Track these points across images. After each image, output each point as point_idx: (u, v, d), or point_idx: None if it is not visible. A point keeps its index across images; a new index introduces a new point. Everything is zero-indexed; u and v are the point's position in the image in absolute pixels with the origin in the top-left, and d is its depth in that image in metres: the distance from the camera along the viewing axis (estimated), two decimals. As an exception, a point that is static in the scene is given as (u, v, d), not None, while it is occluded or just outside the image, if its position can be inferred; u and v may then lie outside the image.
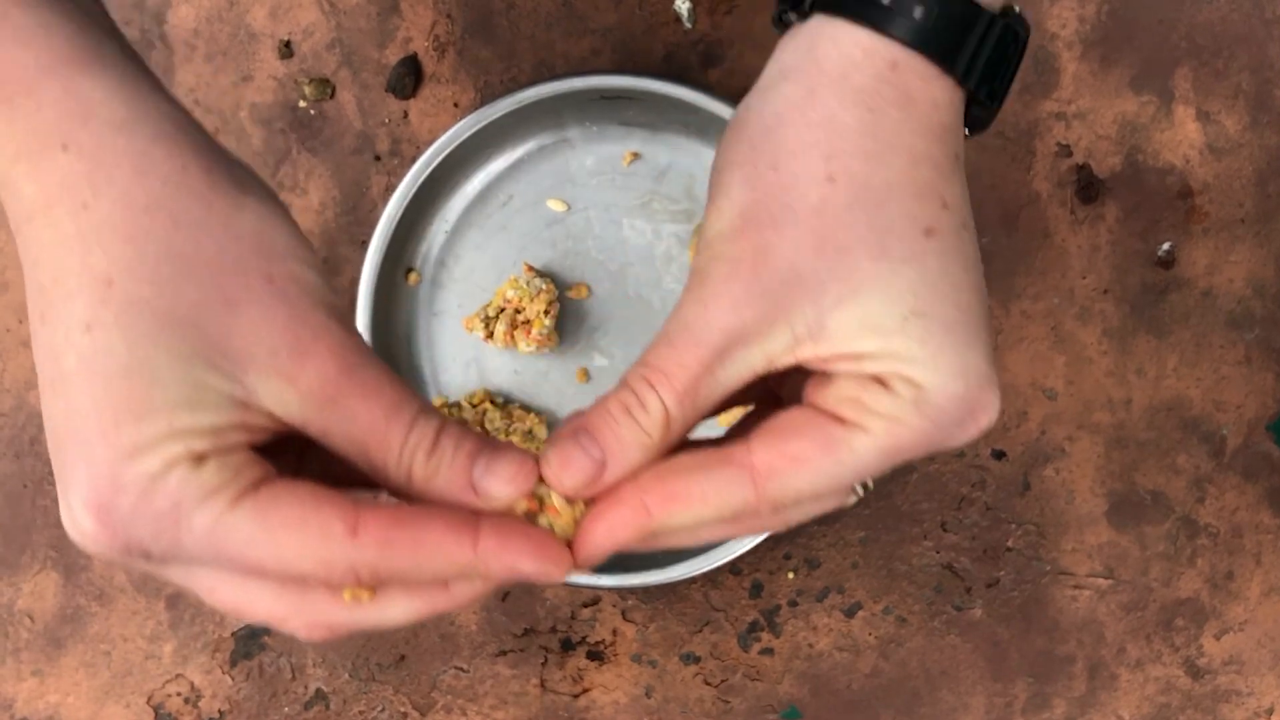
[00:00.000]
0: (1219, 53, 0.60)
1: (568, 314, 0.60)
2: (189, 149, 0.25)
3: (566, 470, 0.27)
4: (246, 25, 0.61)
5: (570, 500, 0.28)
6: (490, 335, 0.58)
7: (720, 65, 0.61)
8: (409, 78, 0.61)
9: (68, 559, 0.63)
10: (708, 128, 0.58)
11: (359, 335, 0.27)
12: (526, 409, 0.59)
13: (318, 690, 0.62)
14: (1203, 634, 0.61)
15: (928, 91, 0.28)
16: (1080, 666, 0.61)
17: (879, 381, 0.27)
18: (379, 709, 0.62)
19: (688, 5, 0.60)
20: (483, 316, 0.58)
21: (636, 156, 0.59)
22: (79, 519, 0.25)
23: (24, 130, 0.24)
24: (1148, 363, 0.61)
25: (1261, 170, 0.60)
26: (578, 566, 0.28)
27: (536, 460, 0.28)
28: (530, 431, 0.58)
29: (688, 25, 0.61)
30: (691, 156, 0.59)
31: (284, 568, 0.25)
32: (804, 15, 0.29)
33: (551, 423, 0.59)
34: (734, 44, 0.60)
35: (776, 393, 0.31)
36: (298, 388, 0.25)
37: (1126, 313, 0.61)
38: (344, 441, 0.26)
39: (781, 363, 0.27)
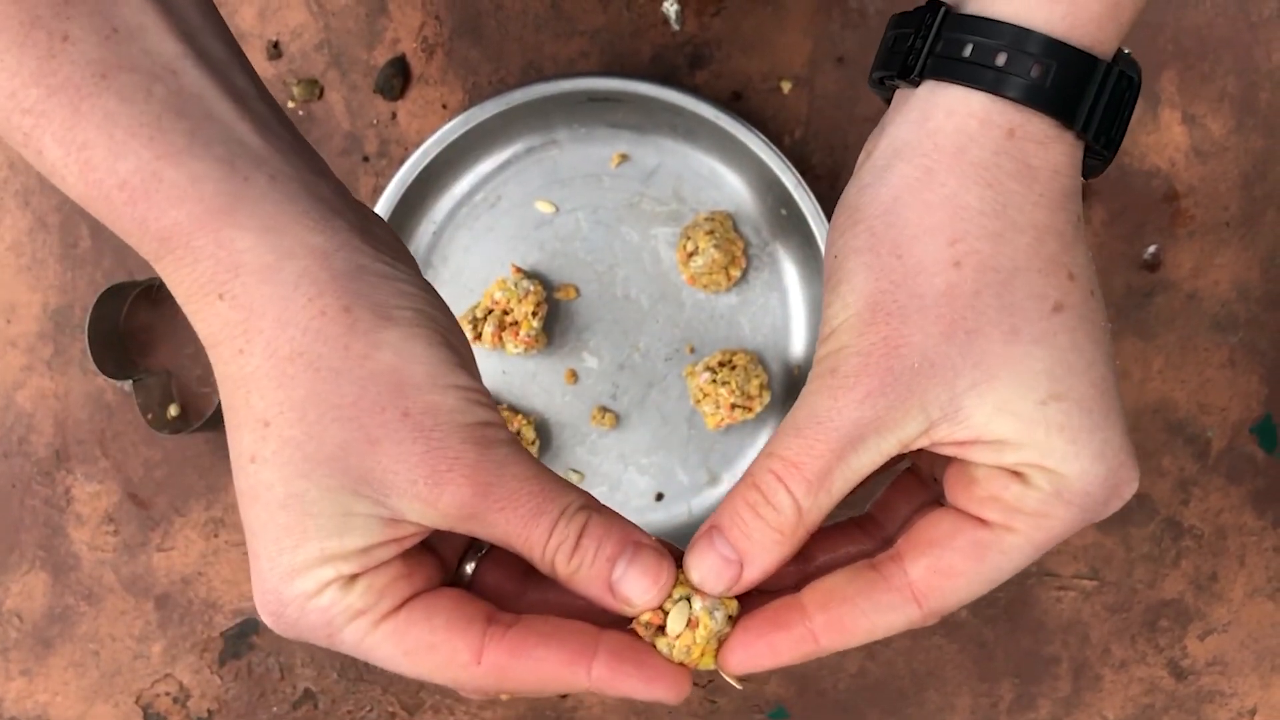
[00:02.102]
0: (1205, 56, 0.61)
1: (556, 315, 0.60)
2: (329, 288, 0.27)
3: (704, 575, 0.28)
4: (234, 25, 0.61)
5: (693, 624, 0.29)
6: (478, 336, 0.58)
7: (708, 67, 0.61)
8: (397, 79, 0.61)
9: (56, 559, 0.63)
10: (695, 130, 0.58)
11: (512, 444, 0.28)
12: (515, 410, 0.59)
13: (306, 690, 0.63)
14: (1187, 635, 0.61)
15: (1047, 157, 0.27)
16: (1065, 667, 0.61)
17: (1017, 475, 0.27)
18: (367, 709, 0.62)
19: (675, 7, 0.60)
20: (471, 318, 0.58)
21: (624, 158, 0.59)
22: (260, 609, 0.29)
23: (188, 279, 0.27)
24: (1133, 365, 0.61)
25: (1247, 173, 0.61)
26: (731, 673, 0.29)
27: (674, 561, 0.29)
28: (518, 433, 0.58)
29: (675, 27, 0.61)
30: (679, 158, 0.59)
31: (421, 678, 0.29)
32: (914, 84, 0.28)
33: (540, 424, 0.59)
34: (721, 45, 0.61)
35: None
36: (438, 510, 0.27)
37: (1112, 315, 0.61)
38: (494, 541, 0.28)
39: (915, 445, 0.27)
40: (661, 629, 0.29)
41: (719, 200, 0.59)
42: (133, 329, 0.63)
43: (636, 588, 0.28)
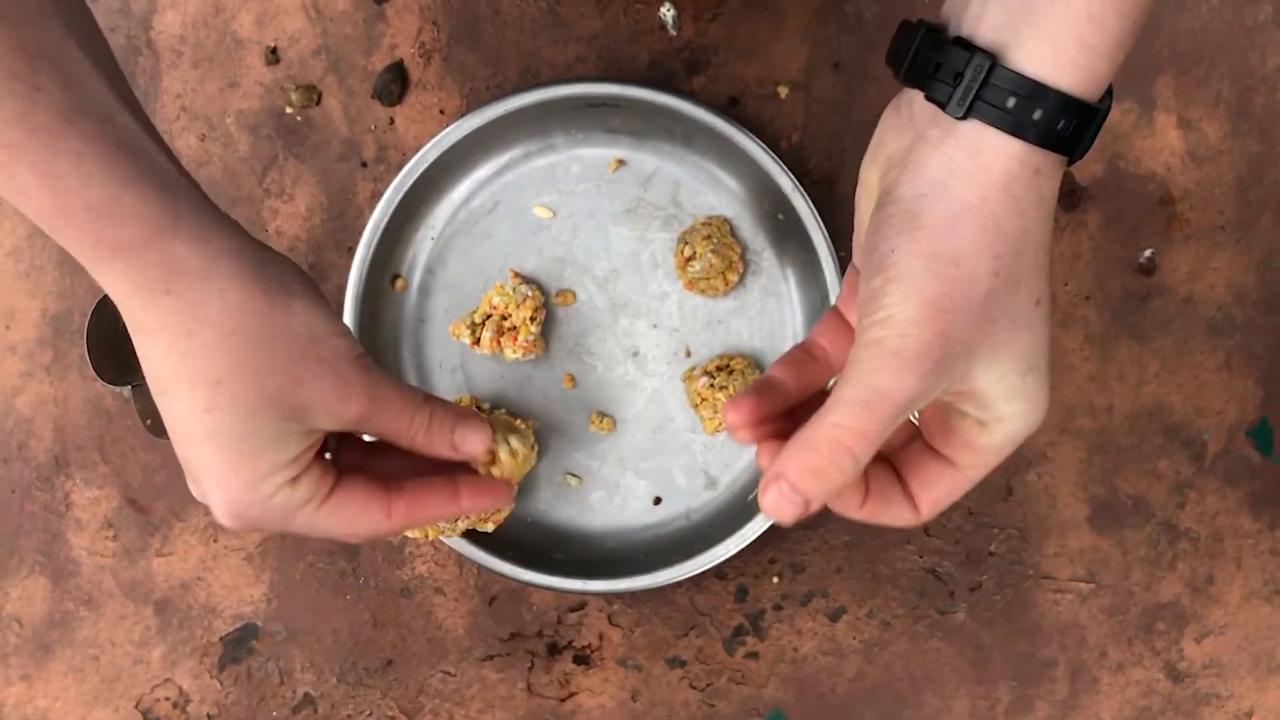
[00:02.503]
0: (1200, 61, 0.61)
1: (553, 320, 0.60)
2: (252, 279, 0.37)
3: (780, 513, 0.35)
4: (233, 32, 0.62)
5: (513, 454, 0.45)
6: (476, 341, 0.58)
7: (704, 72, 0.61)
8: (395, 84, 0.61)
9: (56, 564, 0.63)
10: (692, 135, 0.58)
11: (378, 368, 0.41)
12: (513, 414, 0.59)
13: (306, 694, 0.63)
14: (1183, 637, 0.61)
15: (1051, 186, 0.34)
16: (1062, 670, 0.62)
17: (982, 425, 0.36)
18: (367, 713, 0.62)
19: (672, 13, 0.60)
20: (469, 323, 0.58)
21: (622, 163, 0.59)
22: (220, 516, 0.39)
23: (135, 280, 0.35)
24: (1129, 369, 0.61)
25: (1242, 177, 0.61)
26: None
27: (487, 422, 0.44)
28: (516, 437, 0.58)
29: (672, 32, 0.61)
30: (676, 163, 0.59)
31: (351, 536, 0.42)
32: (960, 115, 0.34)
33: (538, 429, 0.60)
34: (718, 51, 0.61)
35: None
36: (345, 418, 0.40)
37: (1108, 319, 0.61)
38: (377, 434, 0.42)
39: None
40: (491, 464, 0.45)
41: (716, 205, 0.60)
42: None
43: (471, 440, 0.43)
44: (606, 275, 0.60)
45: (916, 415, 0.39)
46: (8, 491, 0.63)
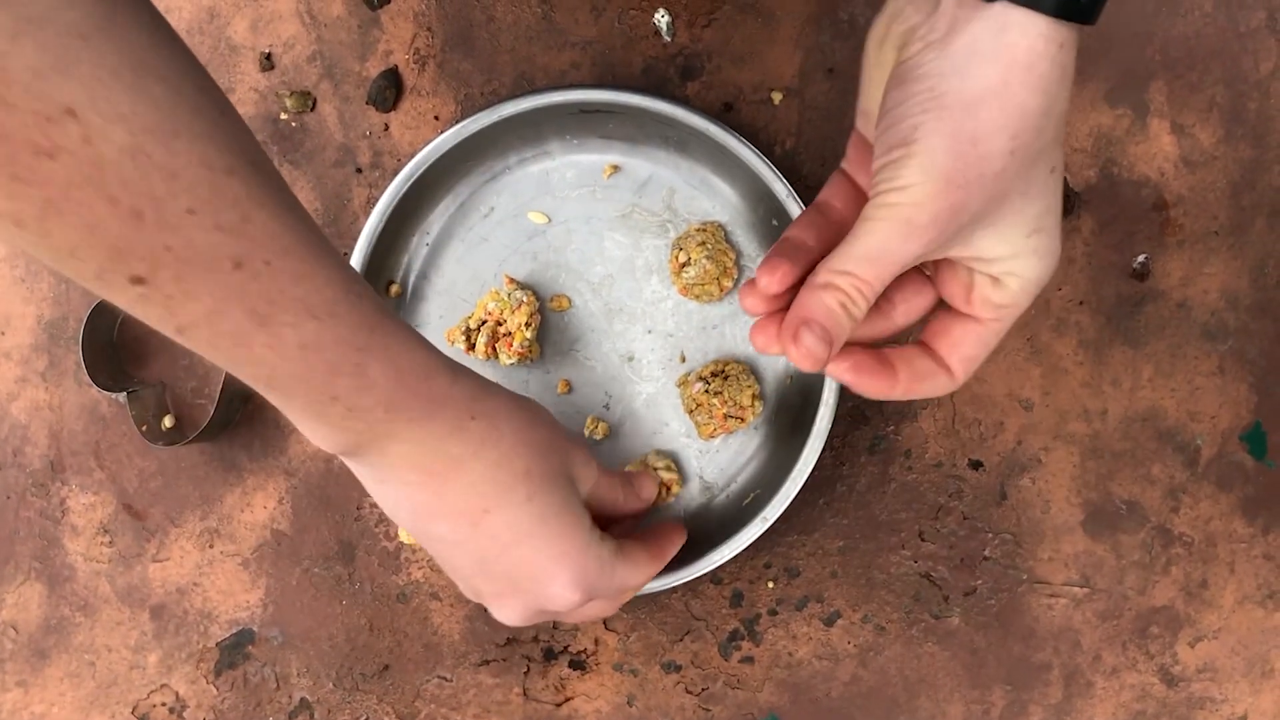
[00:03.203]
0: (1193, 66, 0.61)
1: (548, 325, 0.60)
2: (504, 391, 0.44)
3: (807, 350, 0.38)
4: (227, 38, 0.62)
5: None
6: (471, 347, 0.58)
7: (699, 78, 0.61)
8: (390, 90, 0.61)
9: (51, 570, 0.63)
10: (687, 141, 0.58)
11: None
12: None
13: (302, 700, 0.63)
14: (1177, 642, 0.61)
15: (1071, 57, 0.35)
16: (1057, 674, 0.62)
17: (995, 280, 0.38)
18: (363, 718, 0.63)
19: (667, 19, 0.61)
20: (464, 328, 0.58)
21: (616, 169, 0.60)
22: (564, 595, 0.45)
23: (447, 418, 0.41)
24: (1123, 374, 0.61)
25: (1235, 183, 0.61)
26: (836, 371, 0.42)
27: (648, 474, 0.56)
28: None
29: (667, 39, 0.61)
30: (671, 169, 0.59)
31: (638, 586, 0.49)
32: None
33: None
34: (712, 57, 0.61)
35: None
36: (590, 481, 0.48)
37: (1102, 324, 0.61)
38: (602, 499, 0.49)
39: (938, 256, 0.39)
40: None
41: (710, 211, 0.60)
42: (127, 341, 0.63)
43: (648, 488, 0.54)
44: (601, 281, 0.60)
45: (932, 270, 0.42)
46: (3, 497, 0.63)
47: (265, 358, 0.35)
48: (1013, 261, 0.38)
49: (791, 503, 0.56)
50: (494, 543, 0.43)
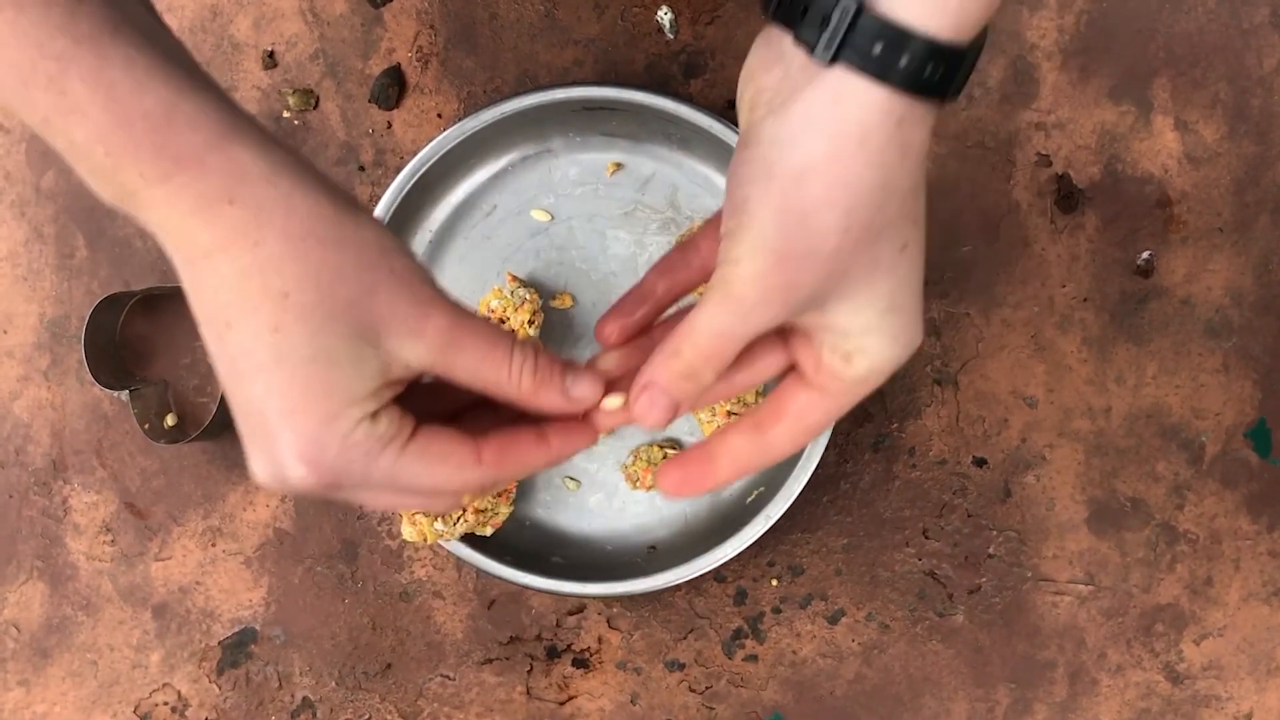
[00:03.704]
0: (1197, 63, 0.61)
1: (551, 324, 0.60)
2: (315, 187, 0.34)
3: (650, 413, 0.37)
4: (230, 36, 0.62)
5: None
6: (474, 345, 0.58)
7: (702, 76, 0.61)
8: (392, 88, 0.61)
9: (54, 569, 0.63)
10: (690, 138, 0.58)
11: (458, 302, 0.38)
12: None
13: (304, 699, 0.63)
14: (1182, 639, 0.61)
15: (919, 134, 0.33)
16: (1061, 672, 0.61)
17: (847, 357, 0.36)
18: (365, 717, 0.62)
19: (670, 16, 0.60)
20: (467, 327, 0.58)
21: (619, 167, 0.60)
22: (290, 467, 0.34)
23: (195, 193, 0.32)
24: (1127, 371, 0.61)
25: (1239, 179, 0.61)
26: (665, 490, 0.40)
27: (599, 373, 0.40)
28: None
29: (669, 36, 0.61)
30: (674, 166, 0.59)
31: (439, 490, 0.37)
32: (826, 61, 0.33)
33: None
34: (715, 54, 0.61)
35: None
36: (425, 340, 0.35)
37: (1106, 321, 0.61)
38: (463, 373, 0.36)
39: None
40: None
41: (714, 208, 0.60)
42: (129, 339, 0.63)
43: (583, 386, 0.38)
44: (604, 278, 0.60)
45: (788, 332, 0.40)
46: (5, 496, 0.63)
47: None
48: (863, 338, 0.36)
49: (795, 500, 0.56)
50: (233, 366, 0.34)
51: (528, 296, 0.57)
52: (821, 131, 0.33)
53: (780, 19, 0.34)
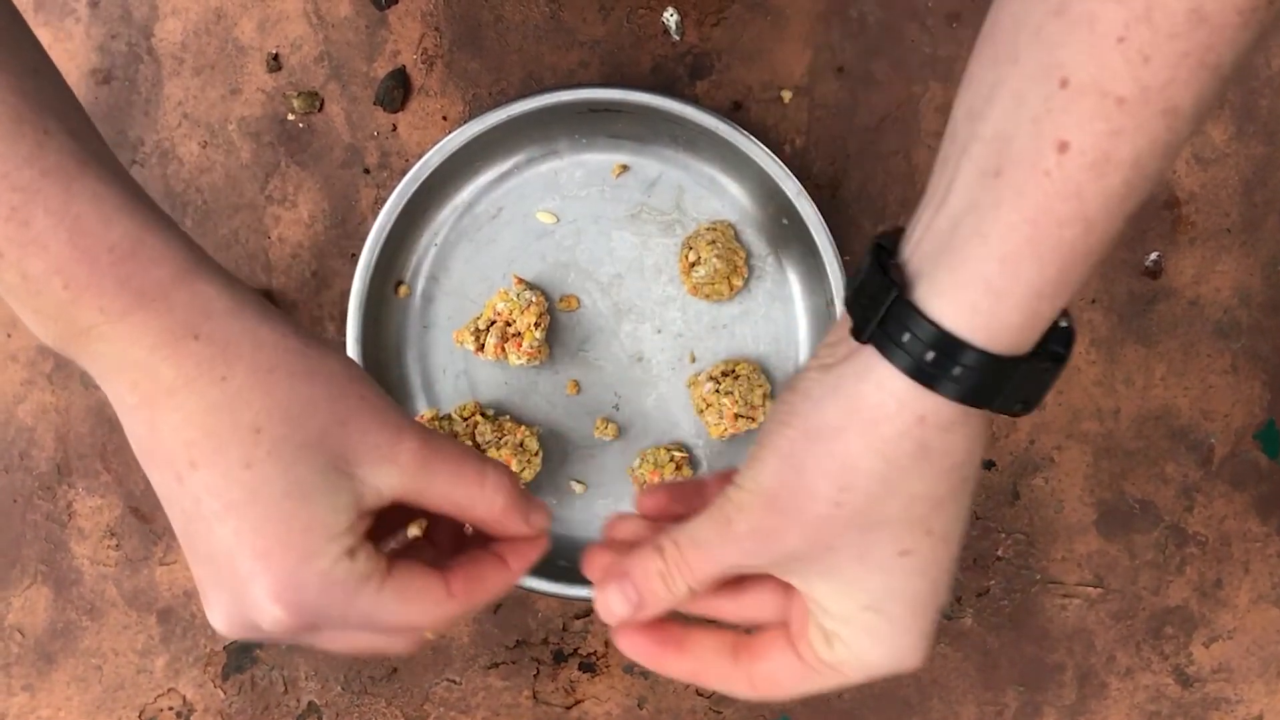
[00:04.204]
0: (1205, 63, 0.61)
1: (557, 326, 0.60)
2: (279, 320, 0.35)
3: (612, 604, 0.37)
4: (234, 38, 0.61)
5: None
6: (481, 348, 0.58)
7: (708, 77, 0.61)
8: (398, 90, 0.61)
9: (58, 573, 0.63)
10: (696, 140, 0.58)
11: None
12: (517, 421, 0.59)
13: (310, 703, 0.62)
14: (1192, 642, 0.61)
15: (945, 440, 0.32)
16: (1070, 675, 0.61)
17: (827, 635, 0.36)
18: (371, 721, 0.62)
19: (676, 17, 0.60)
20: (473, 329, 0.58)
21: (625, 169, 0.59)
22: (264, 610, 0.33)
23: (159, 329, 0.32)
24: (1135, 372, 0.61)
25: (1248, 180, 0.61)
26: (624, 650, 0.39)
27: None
28: (521, 444, 0.58)
29: (675, 37, 0.61)
30: (680, 168, 0.59)
31: (413, 626, 0.36)
32: (863, 339, 0.33)
33: (542, 435, 0.59)
34: (722, 56, 0.61)
35: None
36: (399, 465, 0.35)
37: (1114, 322, 0.61)
38: (437, 495, 0.36)
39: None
40: None
41: (720, 210, 0.59)
42: (134, 342, 0.63)
43: (539, 518, 0.39)
44: (610, 280, 0.60)
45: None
46: (9, 501, 0.63)
47: None
48: (844, 626, 0.35)
49: (803, 503, 0.56)
50: (197, 509, 0.33)
51: (534, 299, 0.57)
52: (841, 403, 0.32)
53: (848, 289, 0.35)
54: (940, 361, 0.31)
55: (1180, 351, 0.61)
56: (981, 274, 0.30)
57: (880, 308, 0.32)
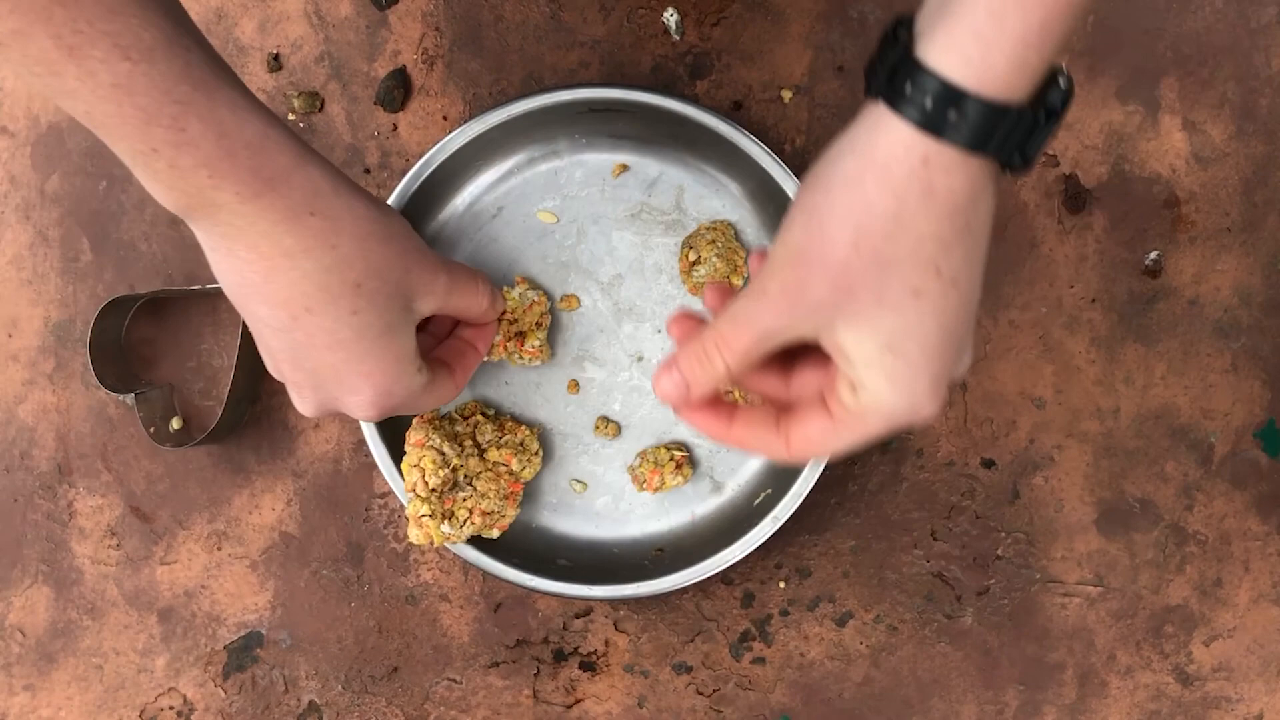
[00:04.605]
0: (1204, 62, 0.61)
1: (558, 325, 0.60)
2: (363, 196, 0.45)
3: (666, 389, 0.43)
4: (235, 38, 0.61)
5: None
6: (480, 348, 0.58)
7: (708, 76, 0.61)
8: (398, 90, 0.61)
9: (59, 573, 0.63)
10: (696, 139, 0.58)
11: (447, 258, 0.50)
12: (518, 421, 0.59)
13: (310, 702, 0.62)
14: (1192, 641, 0.61)
15: (948, 181, 0.35)
16: (1070, 674, 0.61)
17: (853, 385, 0.39)
18: (371, 721, 0.62)
19: (676, 17, 0.60)
20: (473, 329, 0.58)
21: (625, 168, 0.59)
22: (363, 408, 0.47)
23: (283, 207, 0.41)
24: (1136, 371, 0.61)
25: (1247, 179, 0.61)
26: (660, 392, 0.44)
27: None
28: (521, 444, 0.58)
29: (676, 37, 0.61)
30: (680, 167, 0.59)
31: (439, 405, 0.53)
32: (873, 95, 0.36)
33: (543, 435, 0.59)
34: (722, 55, 0.61)
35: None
36: (436, 294, 0.48)
37: (1114, 322, 0.61)
38: (454, 308, 0.50)
39: (804, 342, 0.40)
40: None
41: (720, 210, 0.59)
42: (134, 342, 0.63)
43: (501, 305, 0.56)
44: (611, 280, 0.60)
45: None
46: (10, 500, 0.63)
47: (79, 92, 0.36)
48: (865, 370, 0.38)
49: (803, 502, 0.56)
50: (309, 340, 0.44)
51: (536, 298, 0.57)
52: (855, 154, 0.36)
53: (870, 61, 0.38)
54: (940, 108, 0.34)
55: (1180, 351, 0.61)
56: (972, 26, 0.34)
57: (888, 65, 0.35)
